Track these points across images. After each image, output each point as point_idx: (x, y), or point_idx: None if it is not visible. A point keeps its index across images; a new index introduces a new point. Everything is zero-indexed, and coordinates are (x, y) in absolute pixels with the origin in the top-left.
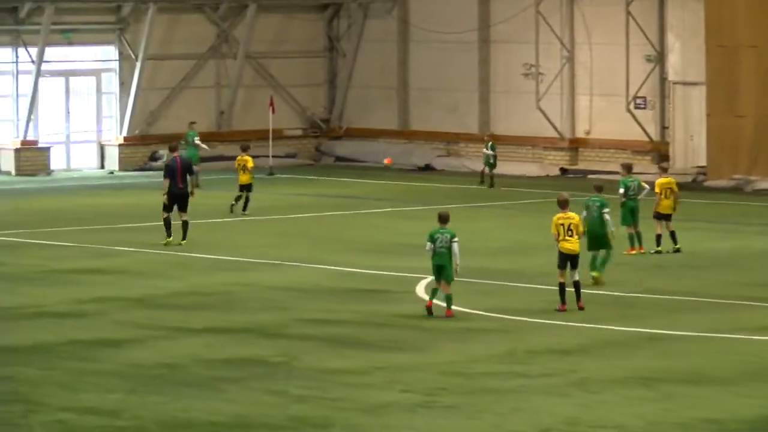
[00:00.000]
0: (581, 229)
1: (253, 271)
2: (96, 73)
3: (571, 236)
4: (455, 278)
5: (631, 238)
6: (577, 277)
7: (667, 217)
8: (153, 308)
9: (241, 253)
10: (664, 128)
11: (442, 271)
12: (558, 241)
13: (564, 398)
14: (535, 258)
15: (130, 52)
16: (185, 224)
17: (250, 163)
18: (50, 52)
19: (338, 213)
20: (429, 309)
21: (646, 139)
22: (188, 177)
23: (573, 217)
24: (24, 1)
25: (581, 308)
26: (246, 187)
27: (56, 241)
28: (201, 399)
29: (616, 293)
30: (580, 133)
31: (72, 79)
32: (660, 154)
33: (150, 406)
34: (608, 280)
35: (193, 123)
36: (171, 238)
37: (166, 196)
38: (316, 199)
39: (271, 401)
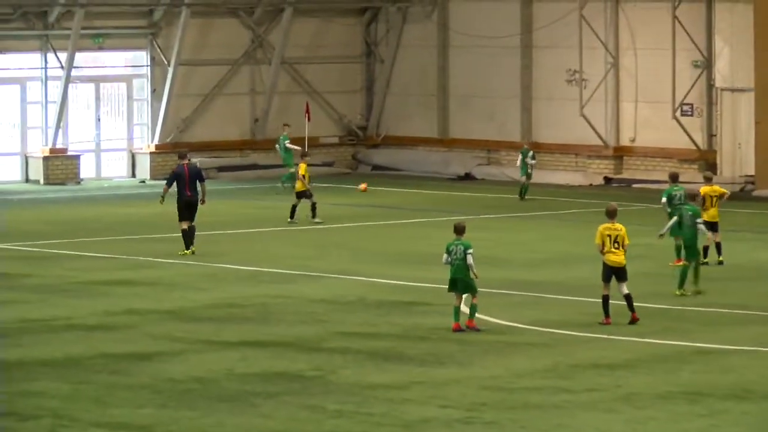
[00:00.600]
0: (627, 241)
1: (289, 283)
2: (127, 79)
3: (617, 248)
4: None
5: (678, 249)
6: (626, 290)
7: (713, 227)
8: (186, 321)
9: (277, 264)
10: (711, 136)
11: (458, 283)
12: (603, 252)
13: (609, 414)
14: (579, 270)
15: (162, 57)
16: (192, 230)
17: (302, 170)
18: (80, 58)
19: (376, 223)
20: (458, 330)
21: (692, 147)
22: (198, 184)
23: (620, 228)
24: (53, 5)
25: (636, 320)
26: (300, 194)
27: (86, 251)
28: (234, 414)
29: (661, 306)
30: (624, 141)
31: (102, 85)
32: (707, 163)
33: (182, 422)
34: (652, 291)
35: (286, 125)
36: (189, 250)
37: (177, 205)
38: (353, 209)
39: (307, 417)
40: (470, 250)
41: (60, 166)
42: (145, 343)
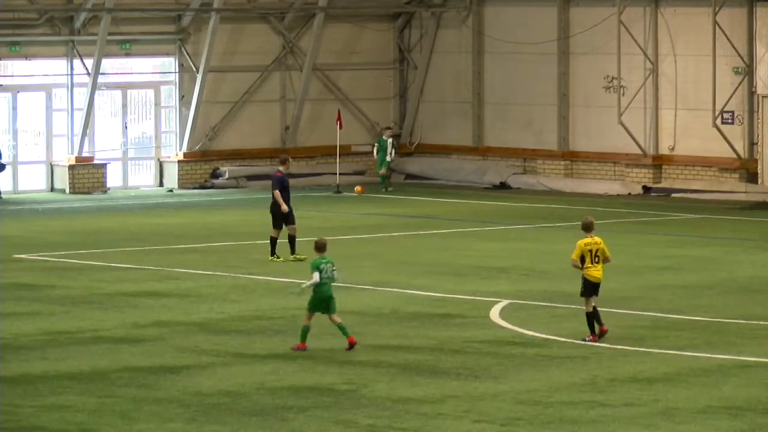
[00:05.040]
0: (609, 253)
1: None
2: (155, 85)
3: (597, 263)
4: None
5: None
6: (593, 303)
7: None
8: (215, 333)
9: (304, 276)
10: (752, 144)
11: (328, 302)
12: (582, 267)
13: (648, 429)
14: (615, 281)
15: (191, 63)
16: (293, 238)
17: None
18: (107, 64)
19: (410, 233)
20: (302, 349)
21: (733, 155)
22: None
23: (600, 242)
24: (79, 10)
25: (606, 331)
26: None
27: (113, 262)
28: (264, 429)
29: (703, 318)
30: (664, 150)
31: (129, 91)
32: (748, 171)
33: None
34: (695, 304)
35: (386, 128)
36: (276, 257)
37: (274, 211)
38: (386, 218)
39: (339, 431)
40: (335, 268)
41: (86, 174)
42: (172, 356)
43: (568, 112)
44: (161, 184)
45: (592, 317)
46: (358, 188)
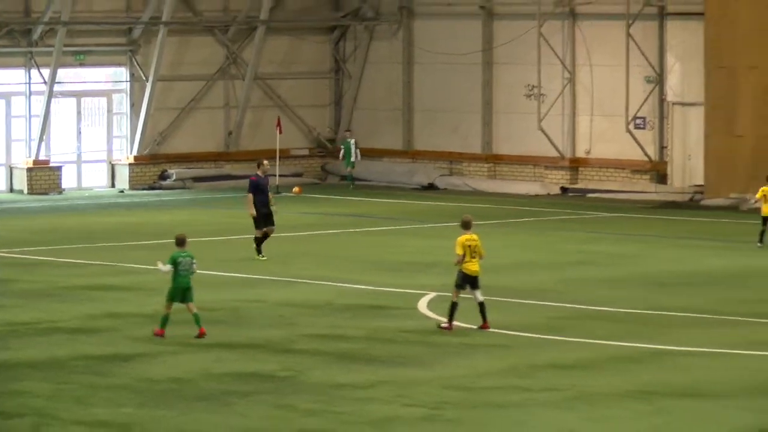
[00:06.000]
0: (483, 252)
1: (261, 288)
2: (107, 93)
3: (473, 258)
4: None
5: None
6: (481, 298)
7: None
8: None
9: (249, 270)
10: (662, 148)
11: (185, 293)
12: (461, 262)
13: (567, 412)
14: (536, 275)
15: (141, 73)
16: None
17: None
18: (62, 74)
19: (344, 231)
20: (161, 336)
21: (645, 158)
22: (269, 194)
23: (476, 239)
24: (37, 23)
25: (486, 328)
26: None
27: (69, 258)
28: (210, 413)
29: (618, 309)
30: (580, 153)
31: (84, 99)
32: (658, 173)
33: (160, 420)
34: (610, 297)
35: (347, 131)
36: (262, 256)
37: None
38: (323, 217)
39: (279, 415)
40: (195, 261)
41: (43, 176)
42: (125, 345)
43: (492, 118)
44: (113, 186)
45: (456, 307)
46: (296, 189)
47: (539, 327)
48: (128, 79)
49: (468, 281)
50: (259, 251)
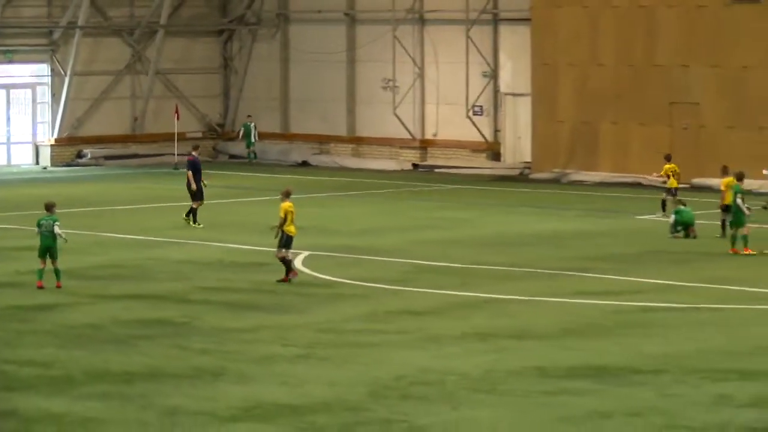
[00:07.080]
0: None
1: (160, 249)
2: (32, 86)
3: (292, 222)
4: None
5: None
6: (291, 257)
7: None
8: (79, 279)
9: (149, 234)
10: (496, 131)
11: (49, 250)
12: (283, 226)
13: (417, 351)
14: (389, 237)
15: (60, 69)
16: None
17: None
18: None
19: (231, 200)
20: (40, 287)
21: (482, 140)
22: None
23: (292, 206)
24: None
25: (287, 280)
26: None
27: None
28: (119, 353)
29: (458, 265)
30: (428, 135)
31: (12, 91)
32: (493, 152)
33: (77, 359)
34: (452, 254)
35: (248, 116)
36: (197, 224)
37: (192, 188)
38: (214, 189)
39: (177, 354)
40: (57, 223)
41: None
42: (46, 297)
43: (354, 107)
44: (37, 163)
45: (291, 261)
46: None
47: (393, 280)
48: (50, 74)
49: (290, 240)
50: (194, 220)
